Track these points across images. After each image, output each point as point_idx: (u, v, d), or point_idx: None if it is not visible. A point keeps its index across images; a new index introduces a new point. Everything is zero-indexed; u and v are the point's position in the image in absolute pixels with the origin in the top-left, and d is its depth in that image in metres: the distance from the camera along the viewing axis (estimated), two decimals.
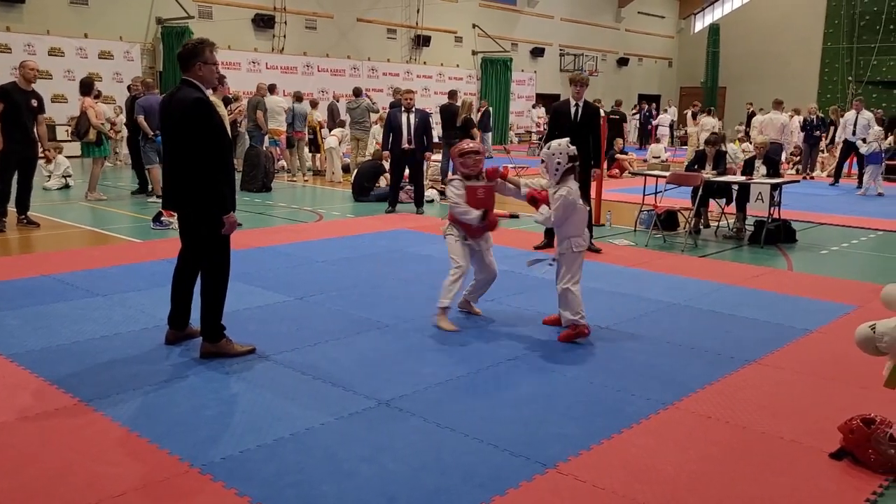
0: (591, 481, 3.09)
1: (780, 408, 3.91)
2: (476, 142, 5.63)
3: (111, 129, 13.54)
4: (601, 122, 8.52)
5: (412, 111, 10.53)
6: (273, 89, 14.62)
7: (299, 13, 21.20)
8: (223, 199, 4.28)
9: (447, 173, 11.77)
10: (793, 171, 17.03)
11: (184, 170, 4.26)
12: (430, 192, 11.70)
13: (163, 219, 8.80)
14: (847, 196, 13.93)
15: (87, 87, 11.16)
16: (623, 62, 31.88)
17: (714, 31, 32.64)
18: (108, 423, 3.54)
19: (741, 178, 9.12)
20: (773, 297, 6.18)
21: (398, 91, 13.92)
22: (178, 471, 3.11)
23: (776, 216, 8.83)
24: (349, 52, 22.53)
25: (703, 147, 9.82)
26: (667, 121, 25.51)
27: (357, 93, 15.54)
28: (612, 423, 3.66)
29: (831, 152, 17.95)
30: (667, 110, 27.42)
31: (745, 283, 6.66)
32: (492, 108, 23.42)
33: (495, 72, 26.13)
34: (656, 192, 9.09)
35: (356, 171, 12.61)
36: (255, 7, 20.27)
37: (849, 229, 10.02)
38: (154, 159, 10.49)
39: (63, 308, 5.41)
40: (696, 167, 9.40)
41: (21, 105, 8.38)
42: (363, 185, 11.90)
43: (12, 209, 8.71)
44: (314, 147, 15.54)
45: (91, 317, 5.22)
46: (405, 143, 10.48)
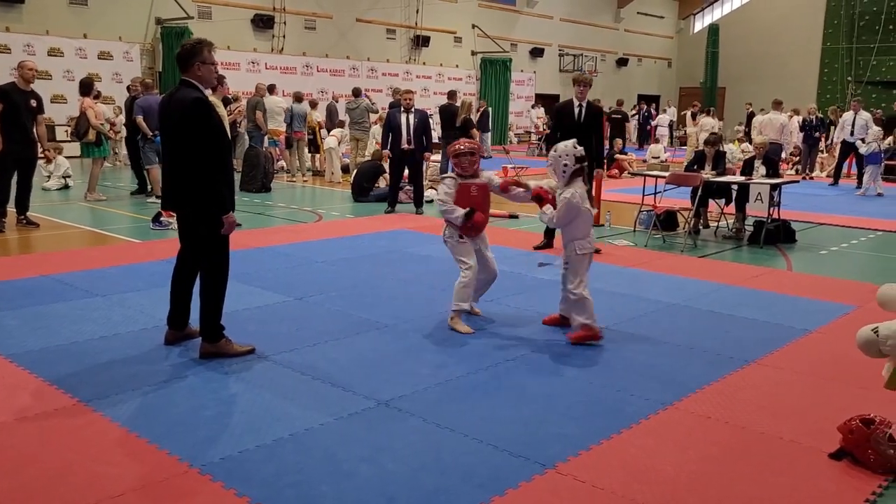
0: (590, 482, 3.09)
1: (780, 408, 3.91)
2: (472, 141, 5.60)
3: (110, 129, 13.54)
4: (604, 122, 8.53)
5: (411, 111, 10.53)
6: (272, 90, 14.62)
7: (298, 13, 21.20)
8: (222, 200, 4.28)
9: (446, 173, 11.77)
10: (792, 172, 17.04)
11: (183, 170, 4.26)
12: (429, 193, 11.69)
13: (162, 219, 8.79)
14: (846, 196, 13.93)
15: (87, 87, 11.16)
16: (622, 62, 31.88)
17: (713, 31, 32.64)
18: (108, 424, 3.54)
19: (740, 179, 9.12)
20: (773, 298, 6.18)
21: (397, 91, 13.92)
22: (178, 471, 3.11)
23: (776, 216, 8.83)
24: (348, 52, 22.53)
25: (702, 147, 9.82)
26: (666, 121, 25.53)
27: (356, 93, 15.54)
28: (611, 423, 3.66)
29: (830, 153, 17.96)
30: (666, 111, 27.44)
31: (745, 284, 6.66)
32: (491, 109, 23.42)
33: (495, 72, 26.13)
34: (656, 193, 9.09)
35: (355, 171, 12.62)
36: (254, 7, 20.27)
37: (848, 229, 10.02)
38: (153, 160, 10.48)
39: (62, 308, 5.40)
40: (696, 167, 9.40)
41: (20, 105, 8.38)
42: (362, 185, 11.90)
43: (12, 209, 8.71)
44: (313, 147, 15.54)
45: (90, 317, 5.21)
46: (404, 144, 10.48)
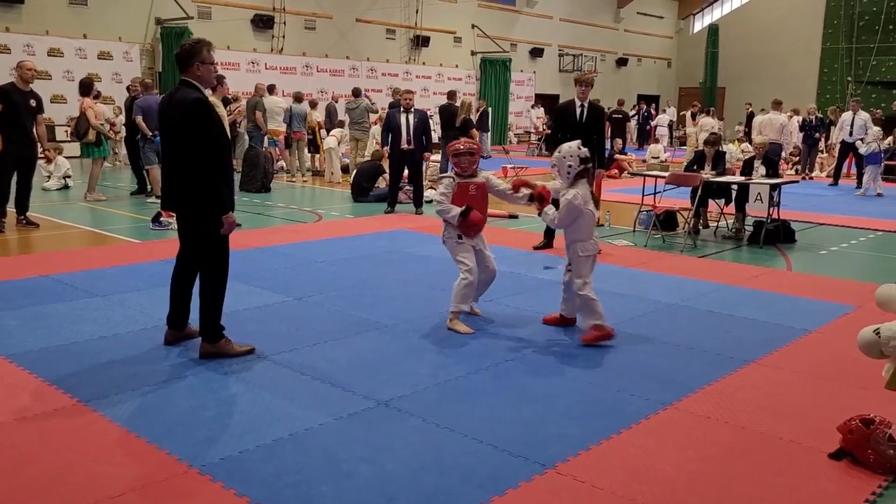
0: (589, 482, 3.09)
1: (780, 408, 3.91)
2: (472, 141, 5.59)
3: (110, 129, 13.54)
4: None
5: (411, 111, 10.53)
6: (272, 90, 14.62)
7: (298, 13, 21.19)
8: (222, 200, 4.27)
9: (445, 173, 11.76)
10: (792, 172, 17.04)
11: (183, 170, 4.25)
12: (429, 193, 11.69)
13: (162, 219, 8.79)
14: (846, 196, 13.94)
15: (87, 87, 11.16)
16: (622, 62, 31.88)
17: (713, 31, 32.63)
18: (107, 424, 3.54)
19: (740, 179, 9.12)
20: (773, 298, 6.18)
21: (397, 91, 13.92)
22: (177, 471, 3.11)
23: (775, 216, 8.84)
24: (348, 52, 22.53)
25: (702, 147, 9.82)
26: (665, 121, 25.53)
27: (356, 93, 15.53)
28: (611, 423, 3.66)
29: (830, 153, 17.96)
30: (665, 111, 27.45)
31: (745, 284, 6.66)
32: (490, 109, 23.41)
33: (494, 72, 26.12)
34: (655, 193, 9.09)
35: (355, 171, 12.62)
36: (254, 7, 20.26)
37: (848, 230, 10.02)
38: (153, 160, 10.48)
39: (62, 308, 5.40)
40: (696, 167, 9.41)
41: (20, 105, 8.38)
42: (362, 185, 11.90)
43: (11, 210, 8.71)
44: (313, 147, 15.54)
45: (90, 317, 5.21)
46: (404, 144, 10.48)
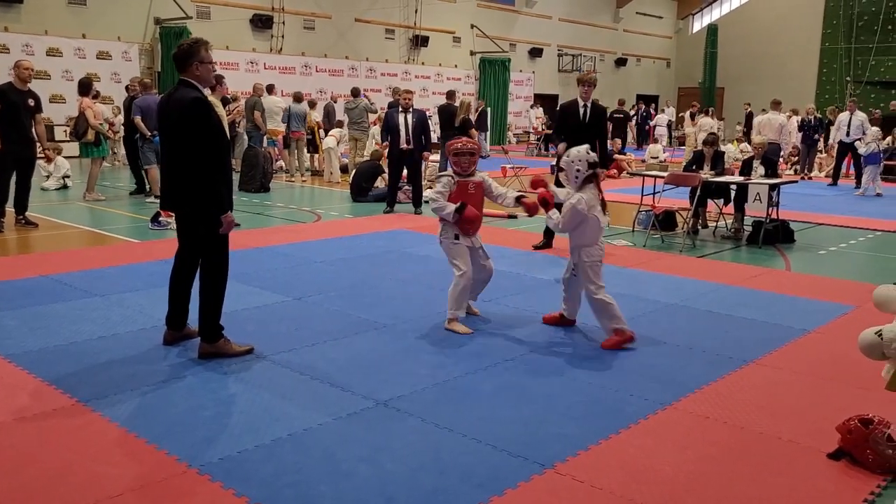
0: (589, 482, 3.09)
1: (779, 408, 3.91)
2: (473, 141, 5.59)
3: (109, 129, 13.53)
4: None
5: (410, 111, 10.53)
6: (271, 90, 14.61)
7: (297, 13, 21.19)
8: (221, 199, 4.27)
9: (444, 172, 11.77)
10: (791, 172, 17.05)
11: (182, 170, 4.25)
12: (428, 193, 11.69)
13: (161, 219, 8.79)
14: (845, 196, 13.94)
15: (86, 87, 11.16)
16: (621, 62, 31.88)
17: (712, 31, 32.63)
18: (106, 424, 3.53)
19: (739, 179, 9.12)
20: (772, 298, 6.19)
21: (396, 91, 13.92)
22: (176, 471, 3.10)
23: (774, 216, 8.84)
24: (347, 52, 22.52)
25: (701, 147, 9.82)
26: (664, 121, 25.55)
27: (355, 93, 15.53)
28: (610, 423, 3.66)
29: (829, 153, 17.97)
30: (664, 111, 27.46)
31: (744, 284, 6.66)
32: (489, 109, 23.41)
33: (493, 72, 26.11)
34: (654, 193, 9.09)
35: (354, 171, 12.62)
36: (253, 7, 20.25)
37: (847, 230, 10.03)
38: (152, 159, 10.48)
39: (61, 308, 5.40)
40: (695, 167, 9.41)
41: (19, 105, 8.37)
42: (361, 185, 11.90)
43: (10, 209, 8.70)
44: (312, 147, 15.54)
45: (89, 317, 5.21)
46: (403, 144, 10.48)
